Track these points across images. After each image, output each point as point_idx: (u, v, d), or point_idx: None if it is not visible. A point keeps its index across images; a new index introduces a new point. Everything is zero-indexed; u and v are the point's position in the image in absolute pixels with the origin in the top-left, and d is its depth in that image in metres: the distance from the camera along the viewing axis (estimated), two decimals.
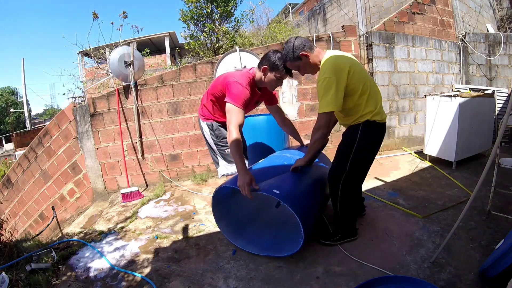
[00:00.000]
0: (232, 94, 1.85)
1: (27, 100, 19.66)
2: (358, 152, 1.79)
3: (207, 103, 2.15)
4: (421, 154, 3.85)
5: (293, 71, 1.95)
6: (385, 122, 1.86)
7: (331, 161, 2.02)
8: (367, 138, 1.78)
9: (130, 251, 2.19)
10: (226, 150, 2.18)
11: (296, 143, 2.55)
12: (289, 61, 1.84)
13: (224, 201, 2.11)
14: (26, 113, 19.42)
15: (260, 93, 2.08)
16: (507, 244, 1.43)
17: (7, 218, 4.26)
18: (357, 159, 1.80)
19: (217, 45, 5.81)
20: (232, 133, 1.79)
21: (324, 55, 1.80)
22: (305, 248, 1.95)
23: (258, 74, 1.97)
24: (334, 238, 1.99)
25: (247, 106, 2.00)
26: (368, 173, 3.35)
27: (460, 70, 4.96)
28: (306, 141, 2.40)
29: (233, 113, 1.83)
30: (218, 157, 2.27)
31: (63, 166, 3.88)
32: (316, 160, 2.14)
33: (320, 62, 1.79)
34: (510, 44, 5.20)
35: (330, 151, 3.26)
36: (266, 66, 1.90)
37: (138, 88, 3.65)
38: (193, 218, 2.68)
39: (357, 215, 2.30)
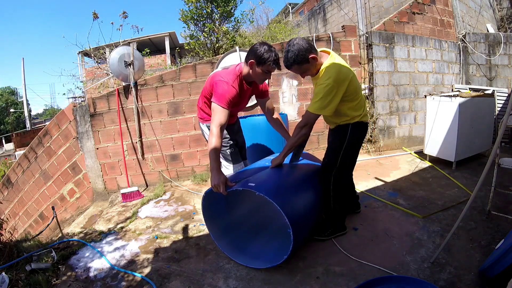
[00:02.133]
0: (217, 94, 1.83)
1: (27, 100, 19.66)
2: (348, 148, 1.94)
3: (203, 106, 2.16)
4: (421, 154, 3.84)
5: (284, 67, 1.89)
6: (368, 122, 2.07)
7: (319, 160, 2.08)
8: (356, 135, 1.96)
9: (130, 251, 2.20)
10: (226, 150, 2.19)
11: None
12: (298, 65, 1.76)
13: (218, 217, 2.06)
14: (26, 113, 19.41)
15: (251, 87, 2.04)
16: (507, 244, 1.43)
17: (7, 218, 4.25)
18: (346, 154, 1.95)
19: (217, 45, 5.81)
20: (213, 132, 1.77)
21: (325, 58, 1.83)
22: (305, 249, 1.96)
23: (246, 69, 1.91)
24: (326, 233, 2.05)
25: (237, 104, 1.98)
26: (368, 173, 3.45)
27: (460, 70, 4.95)
28: None
29: (216, 112, 1.81)
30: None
31: (63, 166, 3.88)
32: (301, 159, 2.16)
33: (321, 64, 1.81)
34: (510, 44, 5.20)
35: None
36: (252, 60, 1.84)
37: (138, 88, 3.65)
38: (193, 218, 2.68)
39: (350, 212, 2.36)
